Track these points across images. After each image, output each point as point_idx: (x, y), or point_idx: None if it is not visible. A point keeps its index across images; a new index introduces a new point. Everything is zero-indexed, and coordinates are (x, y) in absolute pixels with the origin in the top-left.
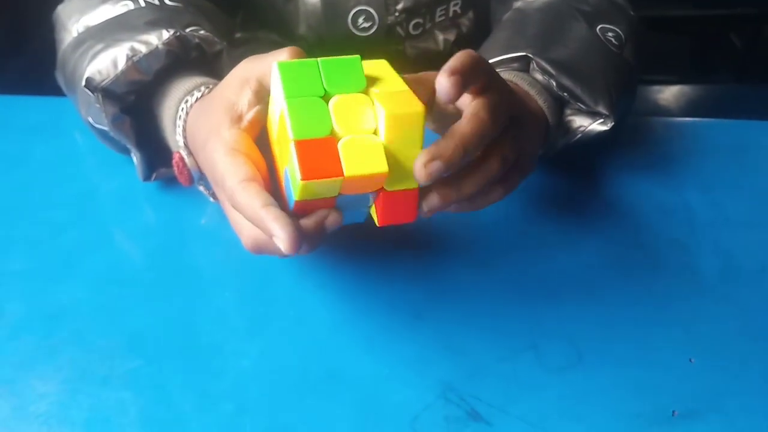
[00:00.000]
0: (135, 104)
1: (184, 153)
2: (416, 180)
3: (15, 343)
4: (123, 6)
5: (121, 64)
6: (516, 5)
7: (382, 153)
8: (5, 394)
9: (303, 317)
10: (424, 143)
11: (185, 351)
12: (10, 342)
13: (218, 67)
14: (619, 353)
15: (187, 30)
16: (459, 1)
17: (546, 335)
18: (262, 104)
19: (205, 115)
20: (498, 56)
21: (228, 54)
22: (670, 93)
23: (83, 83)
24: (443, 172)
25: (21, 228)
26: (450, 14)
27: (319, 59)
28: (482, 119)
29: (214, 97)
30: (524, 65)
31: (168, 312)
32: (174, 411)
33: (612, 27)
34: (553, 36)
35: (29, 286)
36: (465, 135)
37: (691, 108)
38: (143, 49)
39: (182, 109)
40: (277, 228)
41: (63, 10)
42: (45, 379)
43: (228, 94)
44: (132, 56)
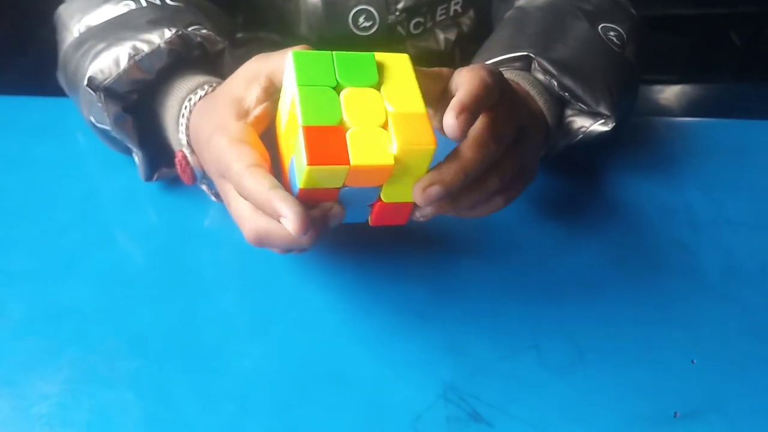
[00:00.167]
0: (137, 104)
1: (187, 151)
2: (415, 200)
3: (17, 344)
4: (124, 6)
5: (123, 63)
6: (518, 3)
7: (390, 146)
8: (7, 395)
9: (305, 318)
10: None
11: (187, 351)
12: (13, 342)
13: (220, 67)
14: (621, 353)
15: (189, 29)
16: (460, 0)
17: (547, 335)
18: (270, 101)
19: (210, 112)
20: (500, 56)
21: (230, 53)
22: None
23: (85, 82)
24: (442, 197)
25: (23, 228)
26: (451, 13)
27: (334, 52)
28: (486, 144)
29: (220, 94)
30: (526, 64)
31: (170, 312)
32: (176, 411)
33: (614, 26)
34: (555, 35)
35: (31, 287)
36: (467, 161)
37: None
38: (145, 48)
39: (185, 108)
40: (285, 208)
41: (65, 10)
42: (47, 380)
43: (236, 90)
44: (134, 55)
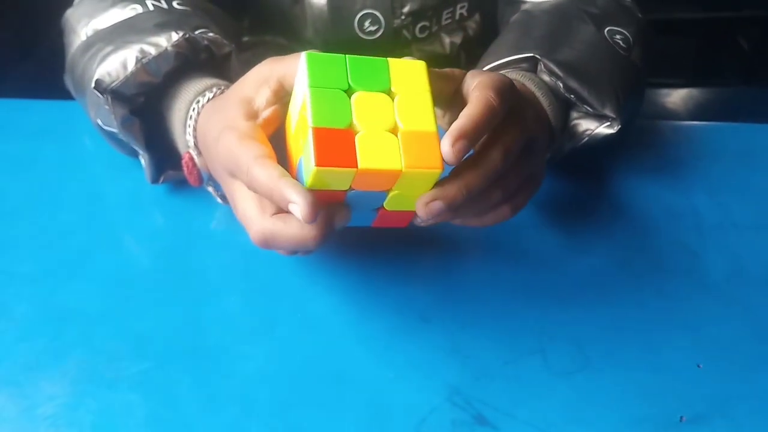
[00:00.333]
0: (144, 106)
1: (194, 153)
2: (417, 213)
3: (23, 345)
4: (132, 9)
5: (131, 66)
6: (524, 7)
7: (398, 151)
8: (13, 396)
9: (309, 320)
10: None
11: (192, 353)
12: (18, 344)
13: (227, 70)
14: (627, 357)
15: (196, 32)
16: (465, 4)
17: (553, 339)
18: (280, 104)
19: (219, 113)
20: (505, 57)
21: (236, 57)
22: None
23: (93, 85)
24: (444, 212)
25: (29, 230)
26: (456, 17)
27: (348, 56)
28: (491, 161)
29: (230, 95)
30: (532, 66)
31: (175, 314)
32: (181, 413)
33: (620, 29)
34: (561, 38)
35: (37, 288)
36: (471, 177)
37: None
38: (152, 51)
39: (193, 110)
40: (295, 194)
41: (72, 14)
42: (53, 381)
43: (246, 91)
44: (141, 58)
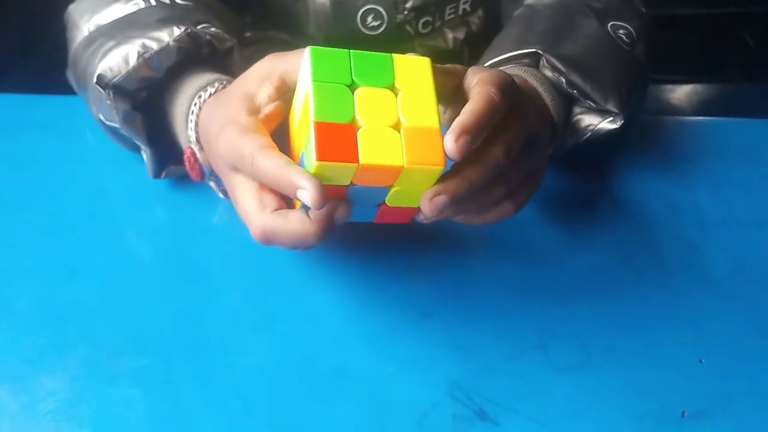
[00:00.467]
0: (146, 101)
1: (196, 148)
2: (422, 209)
3: (24, 341)
4: (134, 5)
5: (133, 61)
6: (527, 2)
7: (400, 147)
8: (14, 391)
9: (311, 315)
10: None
11: (193, 349)
12: (20, 339)
13: (229, 65)
14: (629, 353)
15: (198, 27)
16: None
17: (555, 334)
18: (282, 100)
19: (221, 107)
20: (508, 52)
21: (238, 52)
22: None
23: (94, 80)
24: (448, 207)
25: (31, 225)
26: (459, 12)
27: (352, 51)
28: (493, 156)
29: (232, 90)
30: (534, 61)
31: (177, 310)
32: (181, 408)
33: (623, 24)
34: (564, 33)
35: (38, 284)
36: (473, 172)
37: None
38: (154, 46)
39: (195, 104)
40: (303, 180)
41: (74, 10)
42: (53, 376)
43: (248, 87)
44: (143, 53)
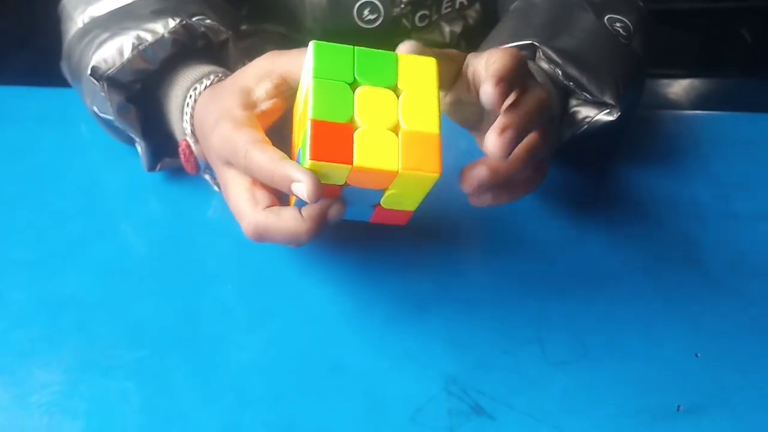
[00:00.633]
0: (140, 93)
1: (191, 140)
2: (489, 147)
3: (18, 333)
4: None
5: (127, 53)
6: None
7: (396, 151)
8: (7, 384)
9: (305, 309)
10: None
11: (188, 342)
12: (13, 331)
13: (224, 57)
14: (625, 347)
15: (193, 19)
16: None
17: (551, 329)
18: (280, 99)
19: (217, 100)
20: (504, 44)
21: (234, 44)
22: (680, 86)
23: (89, 72)
24: (515, 140)
25: (25, 217)
26: (456, 6)
27: (356, 48)
28: (526, 103)
29: (228, 84)
30: (531, 54)
31: (171, 303)
32: (175, 401)
33: (620, 17)
34: (560, 26)
35: (33, 276)
36: (514, 117)
37: (701, 101)
38: (149, 38)
39: (190, 97)
40: (298, 173)
41: (69, 2)
42: (47, 369)
43: (246, 82)
44: (138, 45)
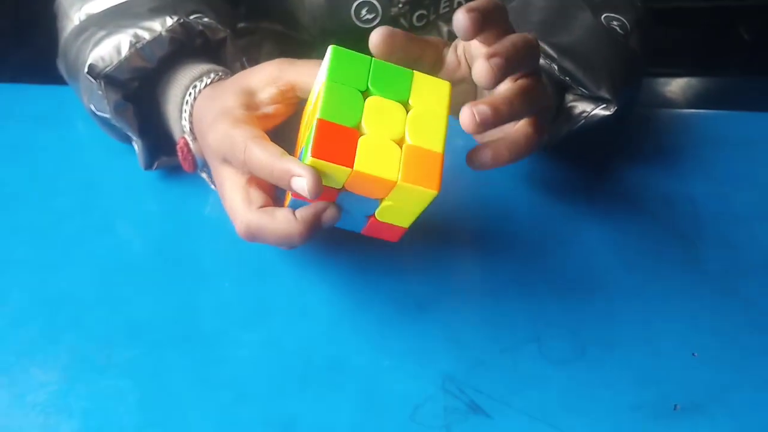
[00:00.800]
0: (138, 92)
1: (189, 138)
2: (478, 71)
3: (15, 331)
4: None
5: (125, 51)
6: None
7: (397, 162)
8: (4, 382)
9: (304, 307)
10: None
11: (185, 340)
12: (11, 330)
13: (222, 56)
14: (622, 346)
15: (191, 17)
16: None
17: (549, 327)
18: (283, 105)
19: (217, 99)
20: None
21: (232, 43)
22: (677, 85)
23: (86, 70)
24: (503, 69)
25: (23, 216)
26: (454, 5)
27: (373, 58)
28: (514, 39)
29: (230, 84)
30: None
31: (168, 301)
32: (173, 400)
33: (617, 16)
34: (557, 23)
35: (30, 274)
36: (504, 46)
37: (699, 100)
38: (147, 36)
39: (189, 95)
40: (298, 168)
41: None
42: (44, 367)
43: (250, 83)
44: (135, 43)
